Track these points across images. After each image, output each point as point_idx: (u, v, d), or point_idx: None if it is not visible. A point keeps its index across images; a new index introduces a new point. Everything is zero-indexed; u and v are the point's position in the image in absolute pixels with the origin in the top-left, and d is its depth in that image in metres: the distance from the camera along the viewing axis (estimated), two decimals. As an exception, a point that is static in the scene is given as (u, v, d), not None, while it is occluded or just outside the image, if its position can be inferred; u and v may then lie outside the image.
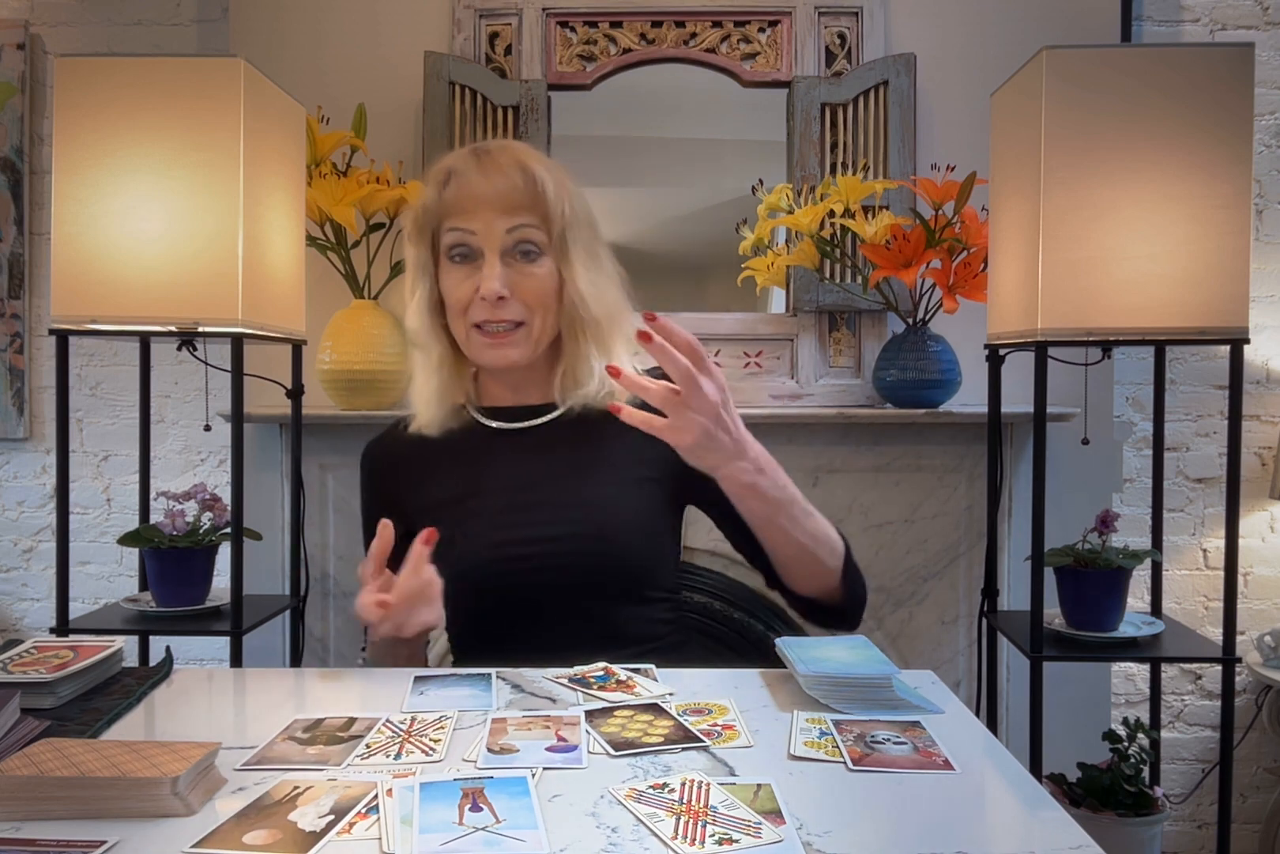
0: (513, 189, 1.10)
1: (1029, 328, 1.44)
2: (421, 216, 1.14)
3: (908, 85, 1.98)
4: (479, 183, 1.10)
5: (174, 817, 0.66)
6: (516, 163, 1.11)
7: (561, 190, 1.12)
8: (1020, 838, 0.67)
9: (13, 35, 2.28)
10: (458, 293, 1.12)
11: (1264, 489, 2.26)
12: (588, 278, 1.14)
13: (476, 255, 1.11)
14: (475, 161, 1.11)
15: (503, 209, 1.10)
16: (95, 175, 1.43)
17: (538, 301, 1.12)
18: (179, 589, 1.58)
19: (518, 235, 1.10)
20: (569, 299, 1.13)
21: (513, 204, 1.10)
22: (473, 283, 1.11)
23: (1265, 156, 2.25)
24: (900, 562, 1.97)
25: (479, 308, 1.11)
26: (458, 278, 1.12)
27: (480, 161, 1.11)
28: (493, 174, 1.10)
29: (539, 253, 1.12)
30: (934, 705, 0.89)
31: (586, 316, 1.14)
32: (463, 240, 1.11)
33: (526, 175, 1.10)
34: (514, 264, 1.11)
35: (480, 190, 1.10)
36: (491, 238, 1.10)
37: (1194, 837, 2.32)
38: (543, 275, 1.12)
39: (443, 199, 1.12)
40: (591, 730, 0.82)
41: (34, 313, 2.32)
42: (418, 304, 1.16)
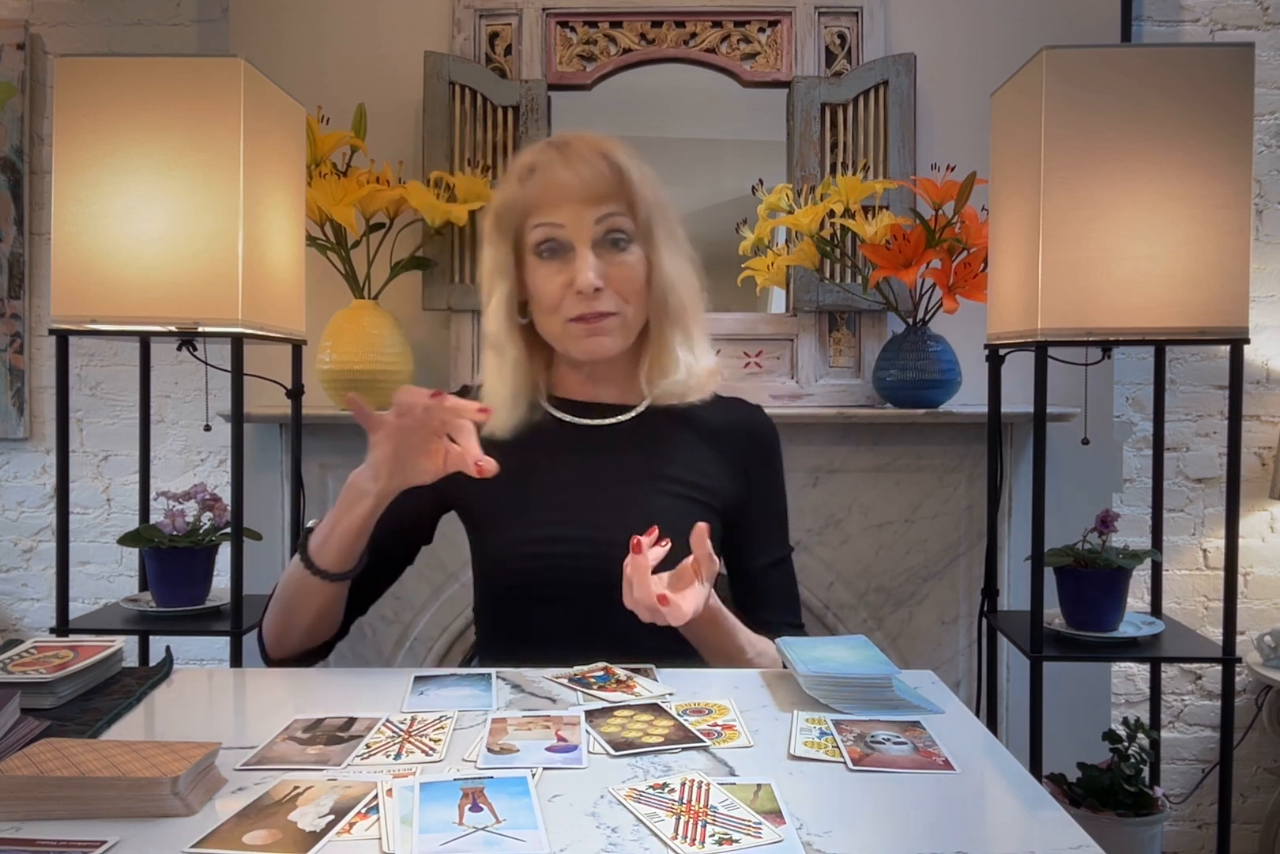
0: (598, 177, 1.08)
1: (1029, 328, 1.44)
2: (503, 215, 1.12)
3: (908, 85, 1.98)
4: (563, 174, 1.08)
5: (174, 817, 0.66)
6: (598, 151, 1.09)
7: (643, 176, 1.10)
8: (1020, 838, 0.67)
9: (13, 35, 2.28)
10: (549, 288, 1.10)
11: (1264, 489, 2.26)
12: (674, 262, 1.13)
13: (566, 249, 1.09)
14: (556, 154, 1.10)
15: (589, 199, 1.08)
16: (95, 175, 1.43)
17: (631, 290, 1.11)
18: (179, 589, 1.58)
19: (607, 224, 1.09)
20: (658, 285, 1.12)
21: (599, 193, 1.08)
22: (565, 277, 1.09)
23: (1265, 156, 2.25)
24: (900, 562, 1.97)
25: (574, 302, 1.09)
26: (548, 273, 1.10)
27: (561, 153, 1.09)
28: (576, 164, 1.08)
29: (628, 240, 1.10)
30: (934, 705, 0.89)
31: (674, 302, 1.13)
32: (551, 235, 1.09)
33: (610, 163, 1.09)
34: (605, 254, 1.09)
35: (565, 182, 1.08)
36: (581, 229, 1.08)
37: (1194, 837, 2.32)
38: (634, 263, 1.11)
39: (526, 195, 1.10)
40: (591, 730, 0.82)
41: (34, 313, 2.33)
42: (498, 305, 1.14)
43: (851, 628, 1.96)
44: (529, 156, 1.12)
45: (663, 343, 1.15)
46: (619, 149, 1.11)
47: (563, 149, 1.10)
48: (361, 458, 2.08)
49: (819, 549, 1.96)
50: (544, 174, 1.09)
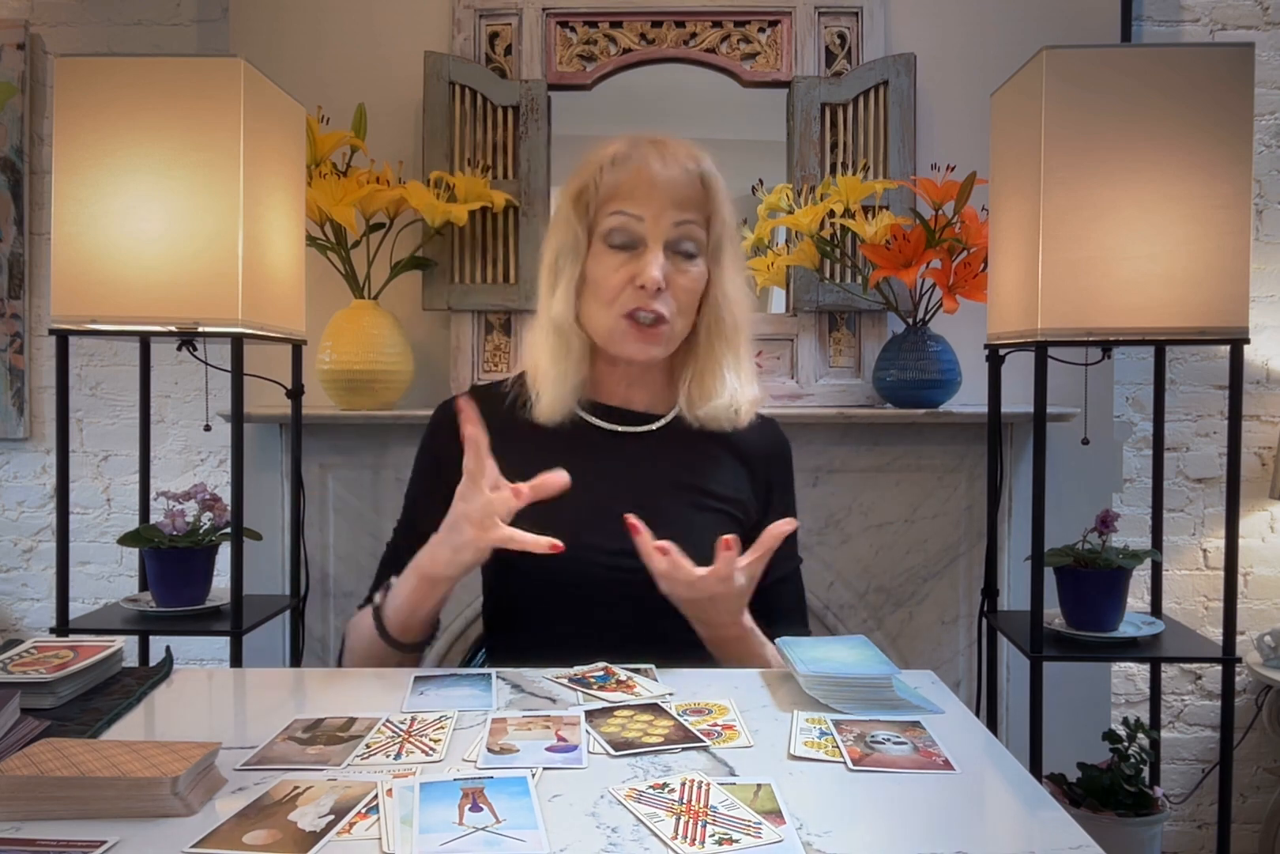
0: (689, 182, 1.08)
1: (1029, 328, 1.44)
2: (583, 196, 1.11)
3: (908, 85, 1.98)
4: (657, 168, 1.07)
5: (174, 817, 0.66)
6: (692, 157, 1.09)
7: (725, 194, 1.11)
8: (1020, 838, 0.67)
9: (13, 35, 2.28)
10: (612, 279, 1.09)
11: (1264, 489, 2.26)
12: (736, 283, 1.13)
13: (638, 243, 1.08)
14: (652, 149, 1.09)
15: (675, 201, 1.08)
16: (95, 175, 1.43)
17: (687, 300, 1.11)
18: (179, 589, 1.58)
19: (683, 231, 1.08)
20: (714, 301, 1.12)
21: (685, 198, 1.08)
22: (629, 270, 1.08)
23: (1265, 156, 2.25)
24: (900, 562, 1.97)
25: (632, 296, 1.08)
26: (613, 264, 1.09)
27: (658, 149, 1.09)
28: (671, 163, 1.08)
29: (697, 253, 1.10)
30: (934, 705, 0.89)
31: (729, 321, 1.13)
32: (627, 225, 1.08)
33: (703, 172, 1.09)
34: (673, 258, 1.09)
35: (657, 176, 1.07)
36: (658, 227, 1.08)
37: (1194, 837, 2.32)
38: (696, 275, 1.11)
39: (612, 181, 1.09)
40: (591, 730, 0.82)
41: (34, 313, 2.33)
42: (566, 288, 1.12)
43: (851, 628, 1.96)
44: (621, 145, 1.11)
45: (712, 360, 1.14)
46: (709, 161, 1.11)
47: (659, 146, 1.10)
48: (361, 459, 2.07)
49: (819, 549, 1.96)
50: (637, 164, 1.08)
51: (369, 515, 1.96)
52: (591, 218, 1.11)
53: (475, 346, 2.00)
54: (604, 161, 1.10)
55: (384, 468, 1.95)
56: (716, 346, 1.14)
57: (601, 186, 1.10)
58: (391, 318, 1.91)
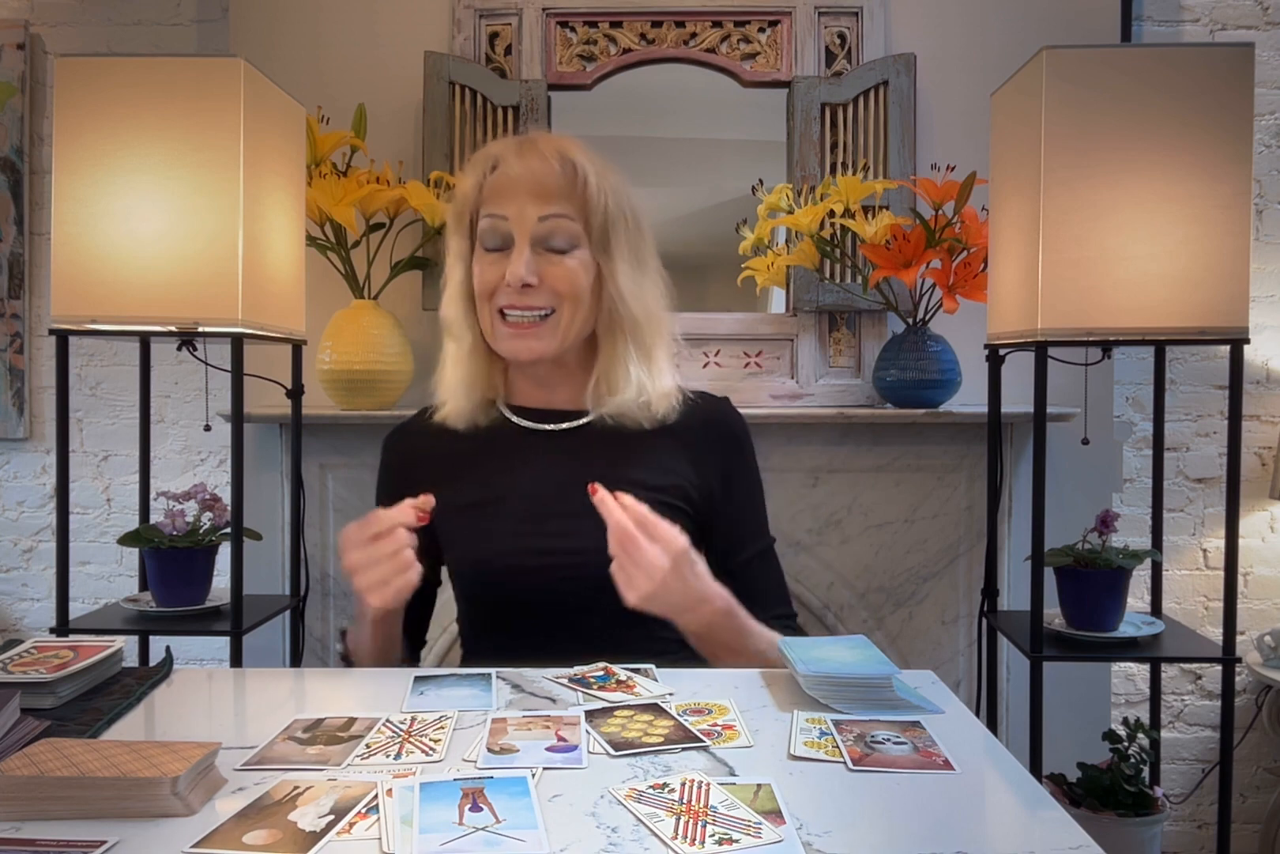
0: (550, 175, 1.08)
1: (1029, 328, 1.44)
2: (461, 203, 1.13)
3: (908, 85, 1.98)
4: (516, 167, 1.09)
5: (174, 817, 0.66)
6: (557, 151, 1.09)
7: (604, 183, 1.10)
8: (1020, 838, 0.67)
9: (13, 35, 2.28)
10: (485, 277, 1.10)
11: (1264, 489, 2.26)
12: (630, 275, 1.12)
13: (508, 242, 1.10)
14: (515, 148, 1.10)
15: (537, 196, 1.08)
16: (95, 175, 1.43)
17: (568, 290, 1.10)
18: (179, 589, 1.58)
19: (550, 225, 1.09)
20: (608, 295, 1.11)
21: (548, 191, 1.08)
22: (500, 268, 1.09)
23: (1265, 156, 2.25)
24: (900, 562, 1.97)
25: (505, 294, 1.09)
26: (487, 263, 1.11)
27: (520, 148, 1.10)
28: (531, 160, 1.08)
29: (573, 245, 1.10)
30: (934, 705, 0.89)
31: (625, 315, 1.12)
32: (495, 226, 1.10)
33: (565, 163, 1.09)
34: (544, 253, 1.10)
35: (516, 175, 1.08)
36: (523, 224, 1.08)
37: (1194, 837, 2.32)
38: (574, 266, 1.10)
39: (482, 186, 1.11)
40: (591, 730, 0.82)
41: (34, 313, 2.33)
42: (452, 291, 1.15)
43: (851, 628, 1.96)
44: (491, 148, 1.13)
45: (613, 355, 1.13)
46: (581, 152, 1.11)
47: (523, 144, 1.11)
48: (361, 459, 2.09)
49: (819, 549, 1.96)
50: (500, 166, 1.10)
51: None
52: (471, 223, 1.13)
53: (475, 346, 2.00)
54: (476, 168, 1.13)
55: (384, 468, 1.94)
56: (617, 342, 1.13)
57: (474, 193, 1.12)
58: (391, 318, 1.91)
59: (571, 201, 1.09)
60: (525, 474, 1.14)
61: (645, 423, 1.14)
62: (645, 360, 1.14)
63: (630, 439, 1.15)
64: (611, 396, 1.13)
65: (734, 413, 1.22)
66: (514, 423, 1.17)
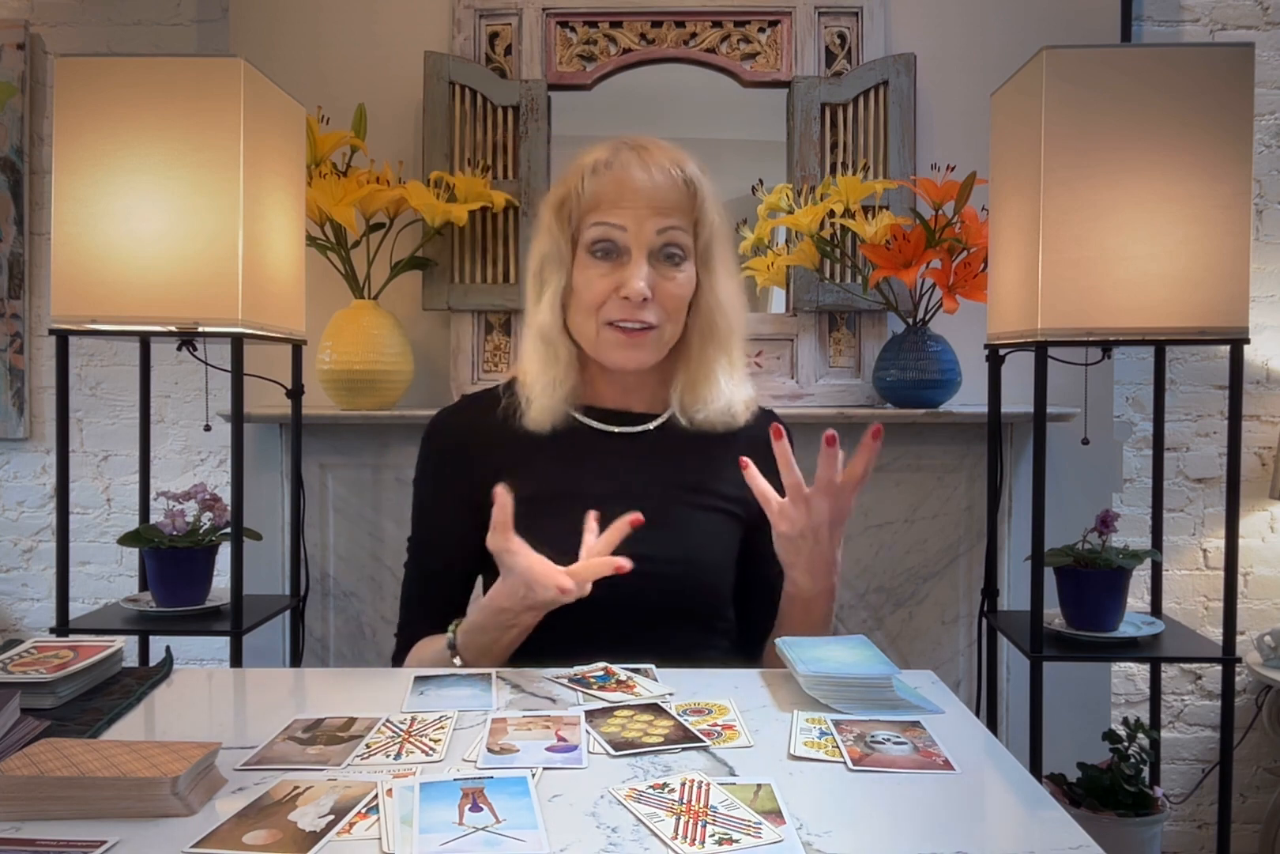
0: (672, 188, 1.07)
1: (1029, 328, 1.44)
2: (566, 205, 1.10)
3: (908, 85, 1.98)
4: (638, 176, 1.06)
5: (174, 817, 0.66)
6: (675, 162, 1.08)
7: (713, 196, 1.10)
8: (1020, 838, 0.67)
9: (13, 35, 2.28)
10: (595, 288, 1.08)
11: (1264, 489, 2.26)
12: (726, 286, 1.12)
13: (621, 253, 1.08)
14: (633, 155, 1.08)
15: (657, 208, 1.07)
16: (95, 175, 1.43)
17: (675, 307, 1.10)
18: (179, 589, 1.58)
19: (667, 237, 1.07)
20: (706, 307, 1.11)
21: (668, 204, 1.07)
22: (612, 280, 1.07)
23: (1265, 156, 2.25)
24: (900, 562, 1.97)
25: (616, 306, 1.08)
26: (596, 274, 1.09)
27: (639, 155, 1.08)
28: (652, 169, 1.07)
29: (684, 258, 1.09)
30: (934, 705, 0.89)
31: (722, 326, 1.12)
32: (609, 235, 1.07)
33: (686, 176, 1.07)
34: (658, 266, 1.08)
35: (638, 184, 1.06)
36: (641, 236, 1.07)
37: (1194, 837, 2.32)
38: (684, 281, 1.10)
39: (593, 190, 1.08)
40: (591, 730, 0.82)
41: (34, 313, 2.33)
42: (552, 298, 1.12)
43: (851, 628, 1.96)
44: (603, 152, 1.10)
45: (704, 365, 1.14)
46: (694, 164, 1.10)
47: (640, 151, 1.08)
48: (361, 459, 2.07)
49: (819, 549, 1.96)
50: (618, 172, 1.07)
51: (369, 515, 1.96)
52: (574, 227, 1.11)
53: (475, 346, 2.01)
54: (585, 170, 1.10)
55: (384, 468, 1.94)
56: (709, 351, 1.14)
57: (583, 196, 1.09)
58: (391, 318, 1.91)
59: (687, 215, 1.08)
60: (595, 474, 1.13)
61: (721, 428, 1.15)
62: (730, 369, 1.15)
63: (696, 447, 1.15)
64: (700, 406, 1.14)
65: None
66: (580, 421, 1.16)
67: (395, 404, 1.93)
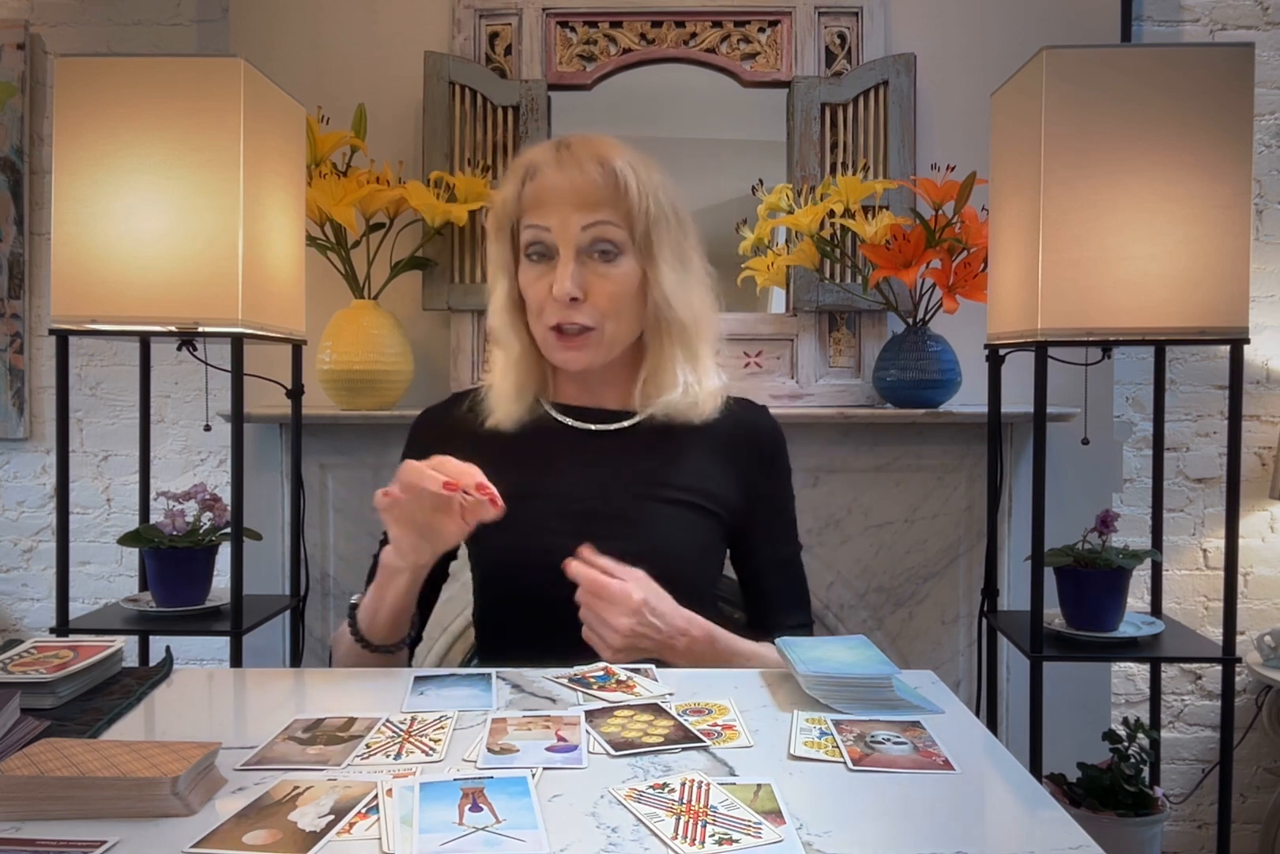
0: (589, 184, 1.07)
1: (1029, 328, 1.44)
2: (501, 212, 1.12)
3: (908, 85, 1.98)
4: (555, 177, 1.07)
5: (174, 817, 0.66)
6: (595, 156, 1.08)
7: (646, 186, 1.09)
8: (1020, 838, 0.67)
9: (13, 35, 2.28)
10: (534, 292, 1.10)
11: (1264, 489, 2.26)
12: (674, 279, 1.11)
13: (552, 253, 1.09)
14: (554, 155, 1.09)
15: (579, 205, 1.07)
16: (95, 175, 1.43)
17: (611, 305, 1.09)
18: (179, 589, 1.58)
19: (594, 233, 1.07)
20: (653, 301, 1.11)
21: (590, 200, 1.07)
22: (547, 282, 1.08)
23: (1265, 156, 2.25)
24: (900, 562, 1.97)
25: (553, 308, 1.09)
26: (533, 276, 1.10)
27: (559, 155, 1.08)
28: (569, 168, 1.07)
29: (618, 252, 1.09)
30: (934, 705, 0.89)
31: (672, 319, 1.11)
32: (538, 237, 1.09)
33: (605, 169, 1.07)
34: (589, 263, 1.08)
35: (556, 185, 1.07)
36: (567, 235, 1.07)
37: (1194, 837, 2.32)
38: (620, 276, 1.09)
39: (521, 195, 1.10)
40: (591, 730, 0.82)
41: (34, 313, 2.33)
42: (498, 302, 1.14)
43: (851, 628, 1.96)
44: (530, 156, 1.11)
45: (661, 358, 1.14)
46: (621, 155, 1.09)
47: (561, 151, 1.09)
48: (360, 459, 2.08)
49: (819, 549, 1.96)
50: (540, 175, 1.09)
51: (369, 515, 1.96)
52: (512, 235, 1.12)
53: (475, 346, 2.01)
54: (515, 176, 1.11)
55: (384, 468, 1.95)
56: (665, 345, 1.13)
57: (513, 202, 1.11)
58: (391, 318, 1.91)
59: (614, 207, 1.07)
60: (565, 472, 1.14)
61: (694, 420, 1.15)
62: (691, 361, 1.14)
63: (670, 443, 1.16)
64: (658, 397, 1.14)
65: (772, 422, 1.24)
66: (557, 420, 1.17)
67: (395, 404, 1.93)
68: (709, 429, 1.17)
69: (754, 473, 1.19)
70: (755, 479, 1.19)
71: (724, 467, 1.17)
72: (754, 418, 1.22)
